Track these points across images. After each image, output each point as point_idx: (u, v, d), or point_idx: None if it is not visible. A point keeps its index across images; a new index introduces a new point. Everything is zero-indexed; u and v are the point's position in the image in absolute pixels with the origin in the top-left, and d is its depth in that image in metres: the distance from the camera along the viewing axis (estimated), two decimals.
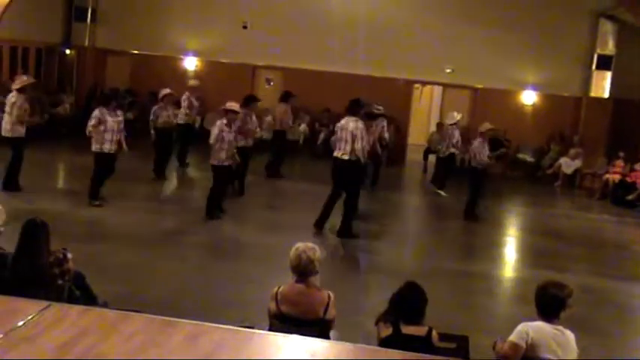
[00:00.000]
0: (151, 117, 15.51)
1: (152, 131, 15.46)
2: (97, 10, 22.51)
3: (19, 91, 12.91)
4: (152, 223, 12.25)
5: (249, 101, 14.58)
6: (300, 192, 16.04)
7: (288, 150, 18.03)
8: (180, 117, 16.63)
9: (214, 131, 12.28)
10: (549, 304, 5.31)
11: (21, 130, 12.92)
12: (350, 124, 11.74)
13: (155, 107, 15.61)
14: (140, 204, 13.41)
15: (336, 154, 11.91)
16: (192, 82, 17.53)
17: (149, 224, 12.16)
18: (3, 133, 13.06)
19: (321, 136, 21.33)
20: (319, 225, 12.12)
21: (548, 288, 5.36)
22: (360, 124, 11.78)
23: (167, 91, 15.71)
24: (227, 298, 8.67)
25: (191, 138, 17.36)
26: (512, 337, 5.28)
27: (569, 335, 5.28)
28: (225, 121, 12.34)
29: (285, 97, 17.18)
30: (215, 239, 11.80)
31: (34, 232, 5.93)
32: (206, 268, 10.14)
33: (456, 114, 17.35)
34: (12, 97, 12.91)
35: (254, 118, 14.78)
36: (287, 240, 7.39)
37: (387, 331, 5.33)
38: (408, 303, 5.44)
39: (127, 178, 14.46)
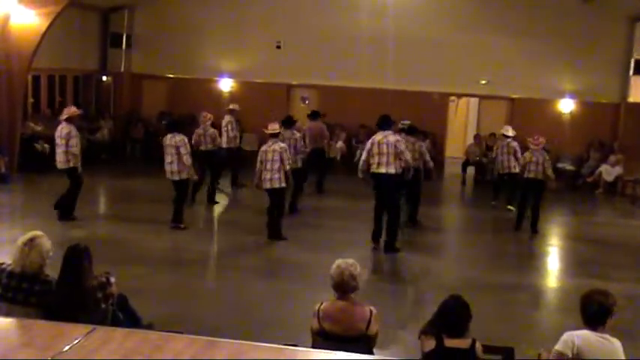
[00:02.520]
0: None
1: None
2: (132, 36, 22.81)
3: (68, 121, 12.95)
4: (191, 245, 12.30)
5: (290, 122, 14.93)
6: (339, 209, 16.00)
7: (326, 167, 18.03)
8: (224, 140, 16.69)
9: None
10: (595, 312, 5.24)
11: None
12: (389, 137, 11.79)
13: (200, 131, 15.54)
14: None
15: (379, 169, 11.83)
16: (232, 106, 17.42)
17: (189, 246, 12.22)
18: (59, 166, 13.04)
19: (358, 152, 21.30)
20: (376, 239, 12.19)
21: (593, 296, 5.30)
22: (399, 137, 11.95)
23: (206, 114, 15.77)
24: (269, 317, 8.67)
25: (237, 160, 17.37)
26: (558, 347, 5.21)
27: (616, 343, 5.20)
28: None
29: (315, 115, 17.32)
30: (256, 259, 11.80)
31: (76, 258, 5.99)
32: (247, 287, 10.14)
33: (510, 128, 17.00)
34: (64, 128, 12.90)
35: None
36: (325, 257, 7.45)
37: (430, 344, 5.29)
38: (451, 316, 5.36)
39: (163, 200, 14.65)
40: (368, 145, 12.05)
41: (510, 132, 16.64)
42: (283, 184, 12.44)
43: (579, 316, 5.36)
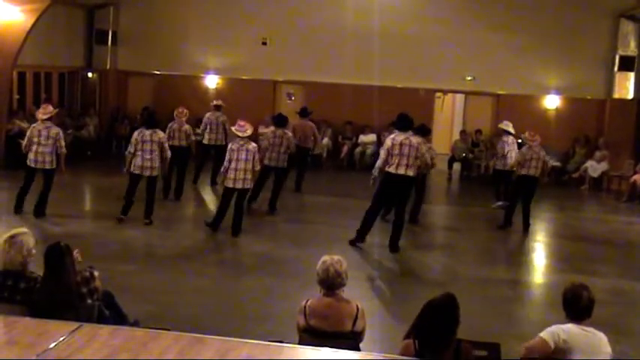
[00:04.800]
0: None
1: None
2: (118, 33, 22.70)
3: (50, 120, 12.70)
4: (177, 242, 12.26)
5: (283, 122, 14.78)
6: (326, 205, 16.00)
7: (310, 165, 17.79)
8: (206, 137, 16.63)
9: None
10: (585, 306, 5.26)
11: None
12: (412, 139, 11.61)
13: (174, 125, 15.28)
14: (163, 223, 13.38)
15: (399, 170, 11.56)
16: (216, 102, 17.20)
17: (174, 243, 12.18)
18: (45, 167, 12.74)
19: (344, 149, 21.33)
20: (360, 239, 12.05)
21: (580, 291, 5.29)
22: (420, 139, 11.77)
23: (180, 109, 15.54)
24: (255, 314, 8.67)
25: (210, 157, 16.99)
26: (543, 335, 5.20)
27: (601, 336, 5.22)
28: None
29: (304, 113, 17.01)
30: (241, 255, 11.81)
31: (56, 257, 5.95)
32: (233, 284, 10.12)
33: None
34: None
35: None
36: (313, 254, 7.47)
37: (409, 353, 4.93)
38: (431, 335, 4.91)
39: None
40: (387, 144, 11.61)
41: (511, 128, 16.28)
42: (251, 185, 12.51)
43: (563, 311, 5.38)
